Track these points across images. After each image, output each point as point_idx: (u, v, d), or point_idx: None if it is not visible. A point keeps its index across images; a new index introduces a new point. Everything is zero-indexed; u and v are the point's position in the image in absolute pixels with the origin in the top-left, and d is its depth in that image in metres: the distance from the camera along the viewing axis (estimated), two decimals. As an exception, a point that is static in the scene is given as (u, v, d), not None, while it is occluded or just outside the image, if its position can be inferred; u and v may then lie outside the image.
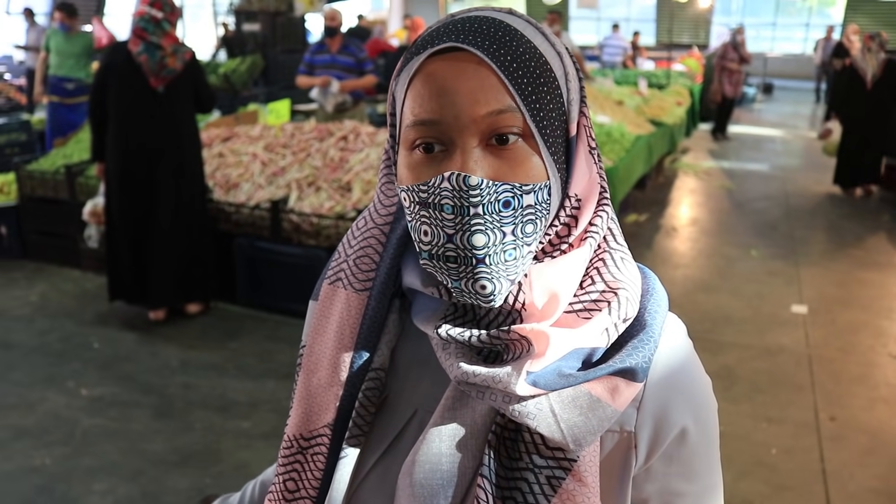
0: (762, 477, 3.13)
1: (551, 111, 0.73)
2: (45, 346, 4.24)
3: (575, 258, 0.76)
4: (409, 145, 0.73)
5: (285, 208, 4.52)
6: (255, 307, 4.69)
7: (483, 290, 0.71)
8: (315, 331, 0.87)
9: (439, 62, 0.71)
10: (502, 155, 0.71)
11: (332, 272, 0.88)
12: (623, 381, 0.73)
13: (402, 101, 0.74)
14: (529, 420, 0.71)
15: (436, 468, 0.75)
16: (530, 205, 0.71)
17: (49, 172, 5.45)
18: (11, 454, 3.21)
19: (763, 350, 4.26)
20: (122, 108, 4.22)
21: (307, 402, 0.85)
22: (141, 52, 4.13)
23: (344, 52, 6.16)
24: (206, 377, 3.87)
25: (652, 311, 0.78)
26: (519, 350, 0.73)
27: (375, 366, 0.83)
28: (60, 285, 5.17)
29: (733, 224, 6.87)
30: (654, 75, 10.76)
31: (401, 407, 0.83)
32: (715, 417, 0.83)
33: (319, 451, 0.84)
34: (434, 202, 0.70)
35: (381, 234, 0.85)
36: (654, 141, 6.99)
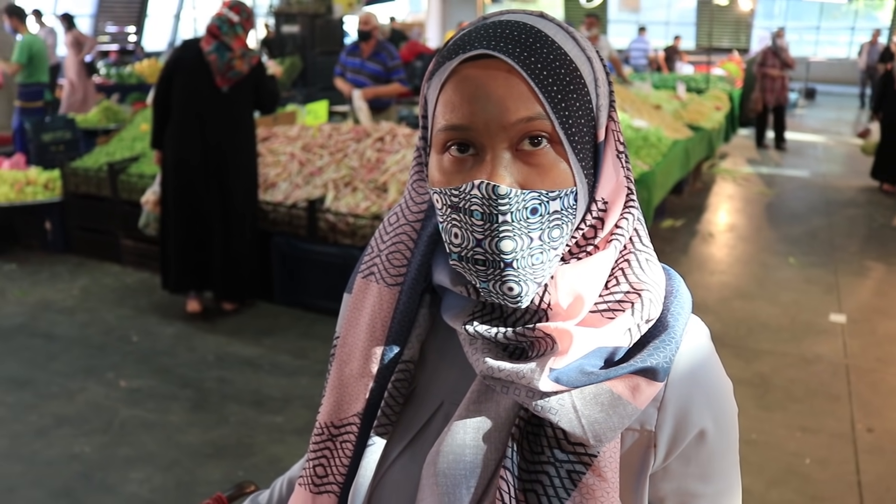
0: (795, 486, 3.09)
1: (580, 118, 0.74)
2: (87, 339, 4.34)
3: (600, 260, 0.77)
4: (440, 148, 0.75)
5: (322, 208, 4.57)
6: (291, 305, 4.75)
7: (510, 291, 0.73)
8: (348, 323, 0.90)
9: (471, 68, 0.72)
10: (531, 161, 0.73)
11: (365, 266, 0.90)
12: (644, 380, 0.74)
13: (434, 104, 0.76)
14: (552, 415, 0.73)
15: (459, 459, 0.77)
16: (557, 210, 0.73)
17: (92, 170, 5.57)
18: (53, 441, 3.29)
19: (799, 358, 4.21)
20: (186, 103, 4.34)
21: (339, 391, 0.88)
22: (211, 52, 4.25)
23: (374, 58, 6.13)
24: (241, 372, 3.93)
25: (675, 312, 0.79)
26: (543, 347, 0.75)
27: (405, 358, 0.86)
28: (101, 280, 5.28)
29: (771, 231, 6.79)
30: (693, 79, 10.68)
31: (427, 398, 0.86)
32: (735, 421, 0.83)
33: (348, 438, 0.86)
34: (464, 207, 0.72)
35: (412, 231, 0.87)
36: (691, 146, 6.94)
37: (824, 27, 21.62)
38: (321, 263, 4.56)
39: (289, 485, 1.12)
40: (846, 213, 7.41)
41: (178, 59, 4.37)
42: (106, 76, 12.67)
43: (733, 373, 3.52)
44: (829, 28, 21.92)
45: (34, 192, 5.71)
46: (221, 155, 4.39)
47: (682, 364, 0.78)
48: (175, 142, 4.38)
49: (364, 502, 0.84)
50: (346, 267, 4.38)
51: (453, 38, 0.77)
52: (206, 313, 4.65)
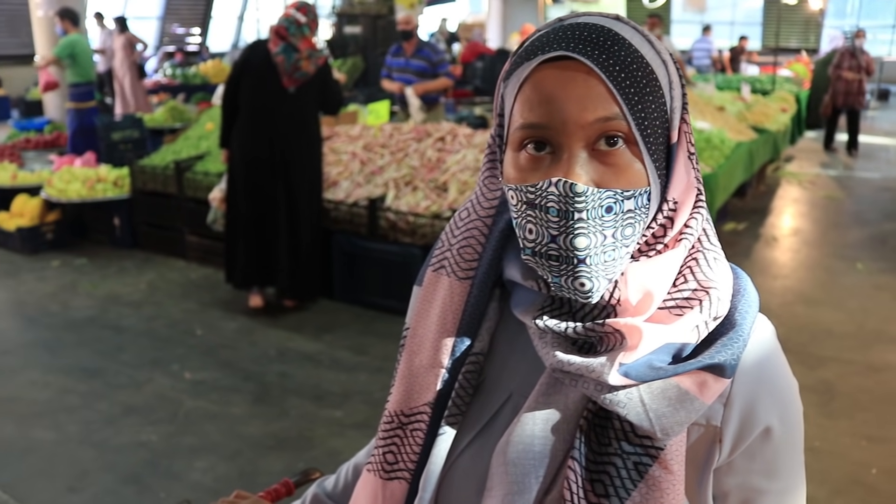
0: (859, 496, 3.02)
1: (655, 119, 0.75)
2: (153, 331, 4.47)
3: (670, 258, 0.79)
4: (517, 146, 0.77)
5: (382, 206, 4.63)
6: (351, 302, 4.81)
7: (582, 287, 0.74)
8: (419, 314, 0.92)
9: (549, 69, 0.74)
10: (607, 160, 0.74)
11: (435, 259, 0.93)
12: (711, 376, 0.75)
13: (512, 103, 0.78)
14: (620, 408, 0.74)
15: (528, 449, 0.78)
16: (630, 209, 0.74)
17: (159, 167, 5.73)
18: (122, 429, 3.40)
19: (866, 366, 4.10)
20: (253, 104, 4.44)
21: (408, 380, 0.90)
22: (279, 53, 4.34)
23: (417, 55, 6.20)
24: (301, 367, 4.01)
25: (742, 310, 0.80)
26: (612, 342, 0.76)
27: (475, 350, 0.87)
28: (167, 274, 5.43)
29: (839, 236, 6.62)
30: (759, 80, 10.46)
31: (497, 390, 0.87)
32: (800, 419, 0.84)
33: (419, 427, 0.89)
34: (540, 204, 0.74)
35: (483, 227, 0.89)
36: (755, 148, 6.81)
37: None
38: (381, 262, 4.61)
39: (354, 471, 1.15)
40: (917, 218, 7.18)
41: (246, 59, 4.46)
42: (171, 76, 13.01)
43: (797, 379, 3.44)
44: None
45: (104, 188, 5.90)
46: (288, 154, 4.47)
47: (749, 361, 0.79)
48: (243, 141, 4.48)
49: (435, 489, 0.86)
50: (406, 265, 4.43)
51: (529, 39, 0.78)
52: (268, 309, 4.74)
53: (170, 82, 12.60)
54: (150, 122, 8.34)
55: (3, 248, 6.06)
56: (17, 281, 5.40)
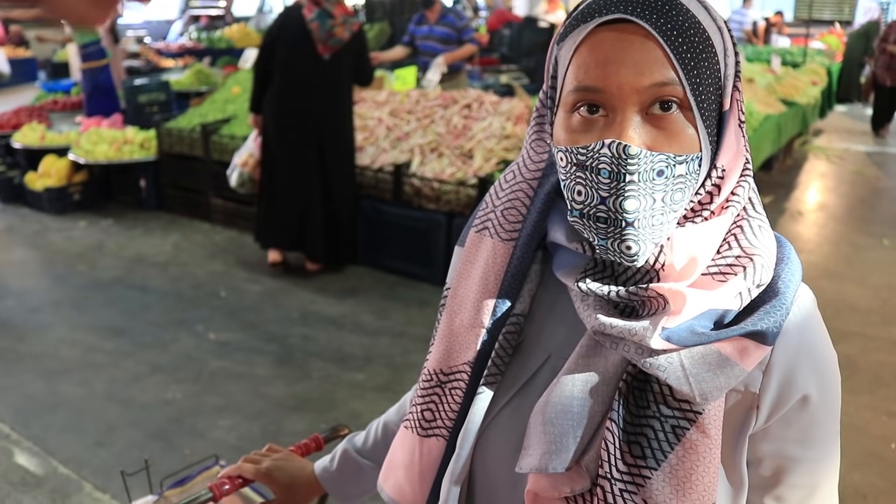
0: (878, 471, 3.02)
1: (709, 85, 0.75)
2: (178, 292, 4.52)
3: (716, 225, 0.79)
4: (569, 108, 0.77)
5: (408, 172, 4.63)
6: (374, 266, 4.84)
7: (629, 250, 0.74)
8: (460, 275, 0.93)
9: (606, 31, 0.73)
10: (660, 124, 0.74)
11: (479, 221, 0.93)
12: (753, 342, 0.76)
13: (567, 66, 0.77)
14: (660, 372, 0.75)
15: (567, 409, 0.79)
16: (681, 174, 0.74)
17: (186, 130, 5.76)
18: (148, 387, 3.47)
19: (889, 342, 4.07)
20: (288, 70, 4.43)
21: (448, 340, 0.91)
22: (314, 19, 4.31)
23: (441, 22, 6.11)
24: (324, 330, 4.05)
25: (786, 279, 0.80)
26: (655, 307, 0.77)
27: (516, 312, 0.88)
28: (192, 237, 5.48)
29: (865, 211, 6.54)
30: (790, 52, 10.28)
31: (536, 351, 0.88)
32: (838, 390, 0.84)
33: (458, 385, 0.89)
34: (592, 165, 0.74)
35: (529, 189, 0.89)
36: (783, 121, 6.72)
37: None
38: (405, 227, 4.63)
39: (385, 428, 1.17)
40: (947, 195, 7.08)
41: (281, 26, 4.44)
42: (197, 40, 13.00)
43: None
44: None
45: (131, 150, 5.94)
46: (322, 122, 4.48)
47: (790, 330, 0.79)
48: (277, 108, 4.47)
49: (472, 447, 0.87)
50: (430, 231, 4.44)
51: (585, 2, 0.78)
52: (292, 272, 4.78)
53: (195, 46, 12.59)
54: (176, 86, 8.33)
55: (32, 209, 6.15)
56: (46, 241, 5.48)
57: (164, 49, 11.62)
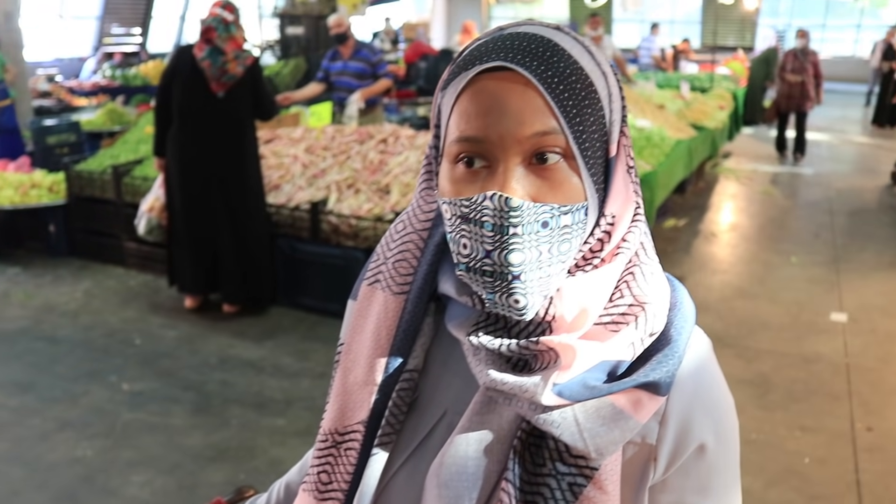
0: (794, 486, 3.10)
1: (593, 133, 0.74)
2: (90, 342, 4.36)
3: (606, 273, 0.78)
4: (452, 158, 0.75)
5: (325, 210, 4.59)
6: (293, 306, 4.77)
7: (517, 304, 0.73)
8: (353, 330, 0.90)
9: (487, 80, 0.72)
10: (543, 174, 0.73)
11: (370, 273, 0.91)
12: (646, 394, 0.75)
13: (449, 114, 0.76)
14: (553, 429, 0.73)
15: (462, 470, 0.77)
16: (567, 224, 0.73)
17: (97, 172, 5.60)
18: (56, 445, 3.32)
19: (800, 358, 4.21)
20: (185, 111, 4.36)
21: (343, 398, 0.88)
22: (204, 58, 4.25)
23: (356, 57, 6.12)
24: (243, 374, 3.95)
25: (678, 326, 0.79)
26: (547, 360, 0.75)
27: (409, 367, 0.85)
28: (105, 282, 5.31)
29: (774, 230, 6.78)
30: (698, 78, 10.66)
31: (431, 408, 0.86)
32: (735, 436, 0.84)
33: (352, 446, 0.86)
34: (475, 218, 0.72)
35: (419, 240, 0.87)
36: (694, 145, 6.94)
37: (830, 24, 21.52)
38: (324, 265, 4.58)
39: (286, 489, 1.13)
40: (849, 212, 7.40)
41: (174, 67, 4.38)
42: (111, 78, 12.72)
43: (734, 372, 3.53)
44: (836, 26, 21.82)
45: (39, 194, 5.74)
46: (224, 160, 4.41)
47: (684, 378, 0.78)
48: (178, 149, 4.41)
49: None
50: (349, 269, 4.41)
51: (468, 48, 0.77)
52: (209, 316, 4.67)
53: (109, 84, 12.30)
54: (88, 126, 8.12)
55: (-68, 259, 5.87)
56: (-53, 292, 5.23)
57: (77, 87, 11.32)
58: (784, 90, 9.69)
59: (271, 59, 12.53)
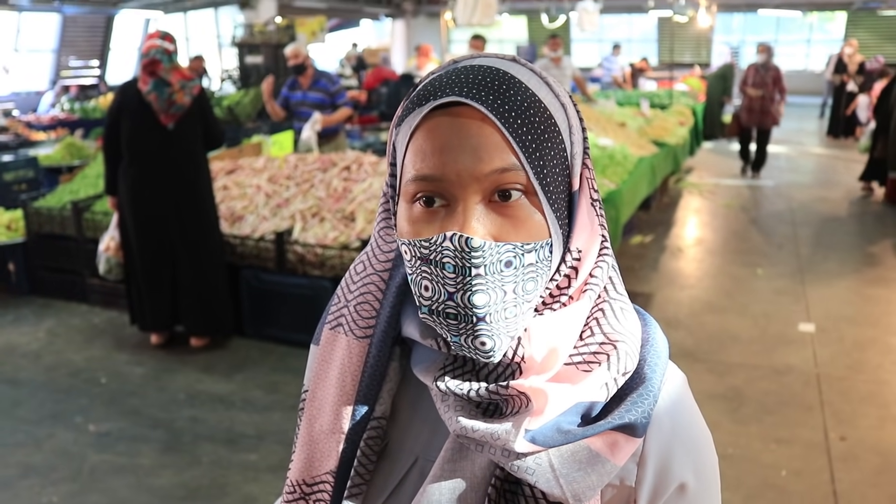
0: (771, 499, 3.10)
1: (554, 167, 0.72)
2: (53, 382, 4.25)
3: (575, 310, 0.76)
4: (409, 198, 0.73)
5: (290, 239, 4.54)
6: (261, 338, 4.70)
7: (483, 346, 0.71)
8: (317, 376, 0.87)
9: (442, 116, 0.70)
10: (504, 212, 0.70)
11: (332, 317, 0.87)
12: (623, 436, 0.73)
13: (404, 152, 0.73)
14: (528, 476, 0.71)
15: None
16: (531, 263, 0.71)
17: (56, 209, 5.50)
18: (18, 492, 3.21)
19: (771, 370, 4.23)
20: (134, 146, 4.29)
21: (309, 447, 0.85)
22: (150, 91, 4.18)
23: (314, 87, 6.10)
24: (213, 410, 3.88)
25: (651, 363, 0.78)
26: (518, 405, 0.73)
27: (377, 415, 0.83)
28: (68, 321, 5.19)
29: (739, 243, 6.86)
30: (657, 95, 10.80)
31: (402, 455, 0.83)
32: (715, 472, 0.82)
33: (321, 497, 0.84)
34: (435, 259, 0.70)
35: (380, 281, 0.84)
36: (657, 162, 7.01)
37: (782, 40, 22.01)
38: (291, 296, 4.53)
39: None
40: (811, 223, 7.52)
41: (120, 103, 4.30)
42: (70, 111, 12.57)
43: (707, 387, 3.54)
44: (787, 41, 22.34)
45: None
46: (177, 192, 4.35)
47: (660, 417, 0.77)
48: (129, 185, 4.33)
49: None
50: (316, 298, 4.35)
51: (422, 83, 0.74)
52: (176, 350, 4.59)
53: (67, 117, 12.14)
54: (46, 161, 7.98)
55: None
56: None
57: (35, 121, 11.14)
58: (745, 104, 9.64)
59: (231, 89, 12.49)
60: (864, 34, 19.50)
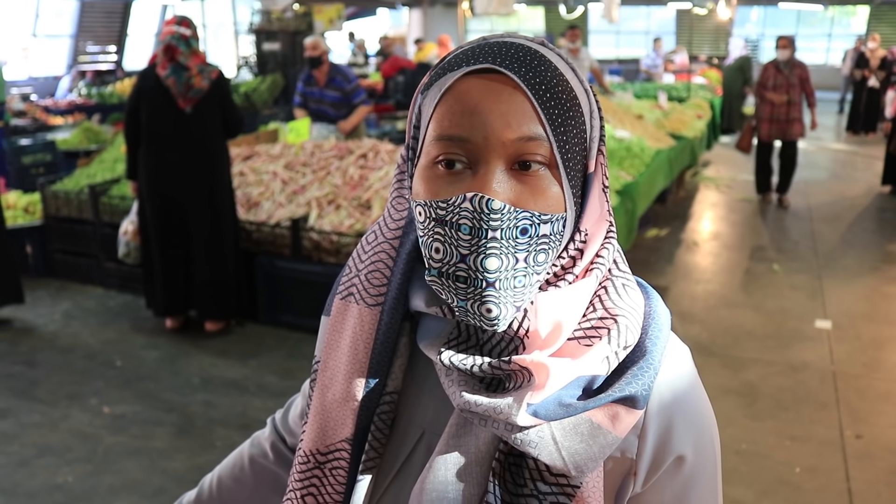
0: (785, 496, 3.08)
1: (575, 145, 0.73)
2: (69, 364, 4.28)
3: (581, 288, 0.76)
4: (431, 159, 0.73)
5: (305, 226, 4.55)
6: (276, 325, 4.71)
7: (489, 313, 0.71)
8: (329, 346, 0.88)
9: (474, 80, 0.71)
10: (525, 181, 0.71)
11: (343, 287, 0.88)
12: (624, 408, 0.74)
13: (430, 115, 0.74)
14: (531, 448, 0.72)
15: (442, 496, 0.75)
16: (545, 234, 0.72)
17: (73, 192, 5.53)
18: (35, 471, 3.24)
19: (786, 366, 4.21)
20: (153, 130, 4.32)
21: (322, 417, 0.86)
22: (169, 75, 4.20)
23: (331, 85, 6.08)
24: (227, 395, 3.89)
25: (653, 336, 0.78)
26: (520, 380, 0.74)
27: (389, 390, 0.84)
28: (84, 303, 5.22)
29: (755, 238, 6.81)
30: (675, 88, 10.73)
31: (410, 429, 0.84)
32: (716, 448, 0.82)
33: (339, 465, 0.84)
34: (451, 221, 0.70)
35: (391, 249, 0.85)
36: (674, 155, 6.96)
37: (802, 34, 21.81)
38: (305, 282, 4.53)
39: (218, 483, 1.12)
40: (829, 219, 7.45)
41: (140, 89, 4.33)
42: (87, 96, 12.62)
43: (721, 382, 3.50)
44: (807, 35, 22.13)
45: (14, 216, 5.65)
46: (193, 176, 4.36)
47: (661, 390, 0.77)
48: (148, 170, 4.36)
49: None
50: (331, 285, 4.33)
51: (452, 54, 0.76)
52: (191, 335, 4.61)
53: (85, 102, 12.20)
54: (63, 145, 8.03)
55: None
56: (-79, 317, 5.12)
57: (52, 106, 11.20)
58: (765, 113, 7.63)
59: (248, 76, 12.50)
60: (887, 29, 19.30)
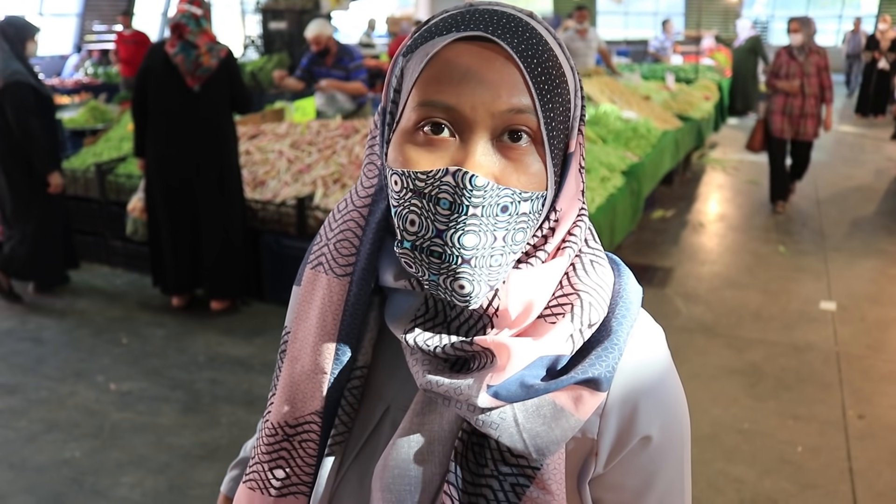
0: (787, 475, 3.10)
1: (560, 122, 0.72)
2: (76, 342, 4.31)
3: (553, 268, 0.75)
4: (412, 125, 0.71)
5: (311, 205, 4.55)
6: (281, 303, 4.73)
7: (461, 289, 0.69)
8: (298, 316, 0.85)
9: (465, 46, 0.69)
10: (509, 154, 0.70)
11: (313, 257, 0.86)
12: (587, 390, 0.72)
13: (414, 80, 0.71)
14: (492, 430, 0.71)
15: (404, 474, 0.75)
16: (525, 213, 0.70)
17: (80, 171, 5.53)
18: (43, 446, 3.27)
19: (790, 347, 4.21)
20: (161, 109, 4.31)
21: (291, 389, 0.83)
22: (177, 53, 4.19)
23: (338, 65, 6.07)
24: (232, 373, 3.92)
25: (620, 315, 0.76)
26: (483, 360, 0.73)
27: (360, 364, 0.82)
28: (90, 281, 5.25)
29: (761, 220, 6.79)
30: (682, 70, 10.66)
31: (376, 403, 0.83)
32: (685, 430, 0.81)
33: (309, 437, 0.82)
34: (430, 193, 0.68)
35: (360, 217, 0.82)
36: (681, 136, 6.94)
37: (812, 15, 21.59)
38: (311, 261, 4.54)
39: None
40: (835, 201, 7.43)
41: (148, 66, 4.32)
42: (93, 75, 12.61)
43: (725, 363, 3.50)
44: (818, 16, 21.89)
45: (21, 194, 5.65)
46: (200, 154, 4.36)
47: (626, 370, 0.75)
48: (155, 147, 4.37)
49: None
50: (336, 264, 4.36)
51: (438, 17, 0.73)
52: (197, 313, 4.63)
53: (91, 81, 12.19)
54: (70, 124, 8.03)
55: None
56: (-71, 294, 5.15)
57: (59, 85, 11.21)
58: (777, 106, 6.65)
59: (254, 55, 12.46)
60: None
